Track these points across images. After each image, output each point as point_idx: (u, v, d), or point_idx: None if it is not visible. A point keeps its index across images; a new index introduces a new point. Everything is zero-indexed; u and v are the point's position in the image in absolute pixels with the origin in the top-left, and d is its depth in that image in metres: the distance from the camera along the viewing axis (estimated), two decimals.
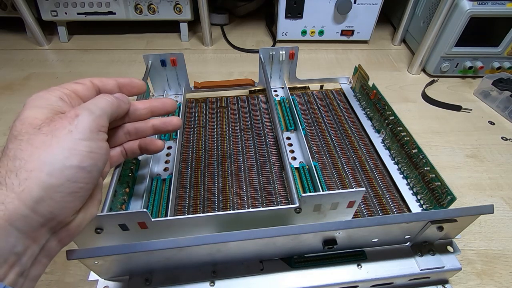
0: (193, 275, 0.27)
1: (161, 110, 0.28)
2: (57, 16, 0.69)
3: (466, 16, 0.54)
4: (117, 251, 0.22)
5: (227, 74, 0.65)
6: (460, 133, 0.52)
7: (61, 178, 0.18)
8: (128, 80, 0.27)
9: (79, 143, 0.19)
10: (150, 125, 0.28)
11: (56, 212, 0.18)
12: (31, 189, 0.17)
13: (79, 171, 0.18)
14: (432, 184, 0.32)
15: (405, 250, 0.29)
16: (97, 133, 0.20)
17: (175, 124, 0.29)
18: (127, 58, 0.69)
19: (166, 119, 0.29)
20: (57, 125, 0.19)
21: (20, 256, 0.17)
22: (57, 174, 0.17)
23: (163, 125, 0.28)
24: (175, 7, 0.70)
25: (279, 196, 0.35)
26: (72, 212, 0.19)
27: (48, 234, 0.18)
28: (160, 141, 0.29)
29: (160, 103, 0.28)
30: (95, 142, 0.20)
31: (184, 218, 0.26)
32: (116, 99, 0.23)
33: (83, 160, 0.19)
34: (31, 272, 0.18)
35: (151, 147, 0.29)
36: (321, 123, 0.44)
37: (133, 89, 0.27)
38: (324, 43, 0.75)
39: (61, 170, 0.18)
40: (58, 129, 0.18)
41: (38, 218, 0.17)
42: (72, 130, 0.19)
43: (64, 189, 0.18)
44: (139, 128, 0.27)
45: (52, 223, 0.18)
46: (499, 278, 0.34)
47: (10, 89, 0.60)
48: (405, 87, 0.62)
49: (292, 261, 0.28)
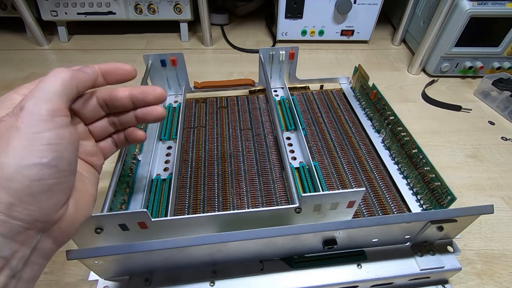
0: (193, 275, 0.27)
1: (142, 102, 0.25)
2: (57, 16, 0.69)
3: (466, 16, 0.54)
4: (117, 251, 0.22)
5: (227, 74, 0.65)
6: (460, 133, 0.52)
7: (24, 181, 0.16)
8: (112, 66, 0.23)
9: (32, 137, 0.17)
10: (133, 116, 0.25)
11: (35, 214, 0.17)
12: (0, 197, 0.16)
13: (42, 168, 0.17)
14: (432, 184, 0.32)
15: (405, 250, 0.29)
16: (52, 121, 0.18)
17: (156, 114, 0.25)
18: (127, 58, 0.69)
19: (147, 109, 0.25)
20: (6, 124, 0.17)
21: (9, 259, 0.16)
22: (17, 178, 0.16)
23: (144, 116, 0.25)
24: (175, 7, 0.70)
25: (279, 196, 0.35)
26: (55, 209, 0.18)
27: (37, 235, 0.17)
28: (141, 132, 0.27)
29: (140, 92, 0.24)
30: (52, 131, 0.17)
31: (184, 218, 0.26)
32: (70, 71, 0.20)
33: (42, 155, 0.17)
34: (24, 273, 0.17)
35: (131, 137, 0.26)
36: (321, 123, 0.44)
37: (120, 76, 0.24)
38: (324, 43, 0.75)
39: (19, 172, 0.16)
40: (7, 129, 0.17)
41: (18, 222, 0.16)
42: (19, 126, 0.17)
43: (32, 190, 0.16)
44: (122, 120, 0.25)
45: (37, 225, 0.17)
46: (499, 278, 0.34)
47: (10, 89, 0.58)
48: (405, 87, 0.62)
49: (292, 261, 0.28)
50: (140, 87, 0.25)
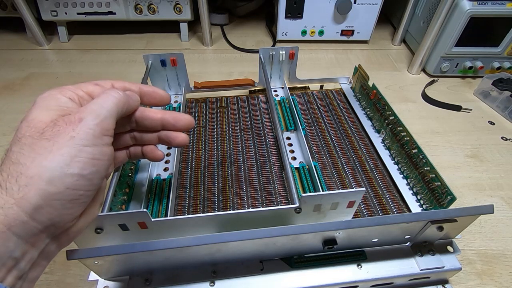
0: (193, 275, 0.27)
1: (172, 127, 0.26)
2: (57, 16, 0.69)
3: (466, 16, 0.54)
4: (117, 251, 0.22)
5: (227, 74, 0.65)
6: (460, 133, 0.52)
7: (61, 186, 0.17)
8: (151, 90, 0.25)
9: (81, 149, 0.18)
10: (156, 135, 0.27)
11: (55, 219, 0.17)
12: (30, 197, 0.16)
13: (79, 179, 0.18)
14: (432, 184, 0.32)
15: (405, 250, 0.29)
16: (101, 138, 0.19)
17: (180, 140, 0.26)
18: (127, 58, 0.69)
19: (173, 133, 0.26)
20: (60, 130, 0.18)
21: (18, 260, 0.17)
22: (56, 182, 0.17)
23: (167, 139, 0.27)
24: (175, 7, 0.70)
25: (279, 196, 0.35)
26: (72, 218, 0.19)
27: (47, 239, 0.18)
28: (160, 152, 0.28)
29: (172, 117, 0.26)
30: (98, 148, 0.19)
31: (184, 218, 0.26)
32: (124, 95, 0.22)
33: (84, 167, 0.18)
34: (29, 274, 0.18)
35: (150, 155, 0.28)
36: (321, 123, 0.44)
37: (154, 100, 0.25)
38: (324, 43, 0.75)
39: (61, 178, 0.17)
40: (61, 135, 0.18)
41: (37, 225, 0.17)
42: (74, 136, 0.18)
43: (63, 197, 0.17)
44: (145, 137, 0.26)
45: (51, 229, 0.18)
46: (499, 278, 0.34)
47: (10, 89, 0.60)
48: (405, 87, 0.62)
49: (292, 261, 0.28)
50: (173, 113, 0.26)
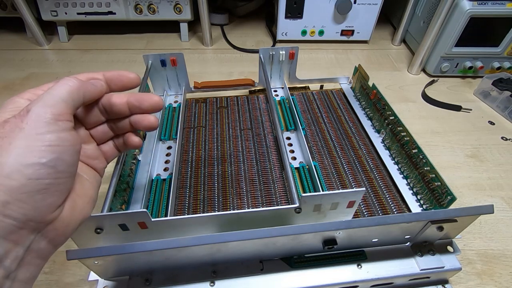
0: (193, 275, 0.27)
1: (137, 109, 0.25)
2: (57, 16, 0.69)
3: (466, 16, 0.54)
4: (117, 251, 0.22)
5: (227, 74, 0.65)
6: (460, 133, 0.52)
7: (21, 179, 0.17)
8: (116, 73, 0.24)
9: (34, 138, 0.17)
10: (127, 122, 0.25)
11: (28, 213, 0.17)
12: None
13: (40, 168, 0.17)
14: (432, 184, 0.32)
15: (405, 250, 0.29)
16: (56, 124, 0.18)
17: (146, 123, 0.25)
18: (127, 58, 0.69)
19: (140, 116, 0.25)
20: (11, 125, 0.18)
21: (1, 259, 0.16)
22: (15, 175, 0.16)
23: (135, 124, 0.25)
24: (175, 7, 0.70)
25: (279, 196, 0.35)
26: (49, 210, 0.18)
27: (31, 235, 0.18)
28: (136, 138, 0.27)
29: (136, 99, 0.25)
30: (54, 134, 0.18)
31: (184, 218, 0.26)
32: (78, 81, 0.21)
33: (41, 155, 0.17)
34: (19, 274, 0.17)
35: (128, 143, 0.26)
36: (321, 123, 0.44)
37: (121, 83, 0.24)
38: (324, 43, 0.75)
39: (19, 170, 0.17)
40: (11, 129, 0.18)
41: (10, 221, 0.16)
42: (23, 127, 0.18)
43: (28, 189, 0.17)
44: (119, 125, 0.26)
45: (30, 224, 0.17)
46: (499, 278, 0.34)
47: (10, 89, 0.60)
48: (405, 87, 0.62)
49: (292, 261, 0.28)
50: (137, 94, 0.25)
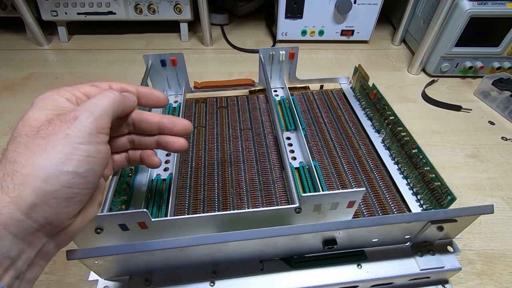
0: (193, 275, 0.27)
1: (169, 131, 0.26)
2: (57, 16, 0.69)
3: (466, 16, 0.54)
4: (117, 251, 0.22)
5: (227, 74, 0.65)
6: (460, 133, 0.52)
7: (56, 184, 0.17)
8: (148, 91, 0.25)
9: (76, 147, 0.18)
10: (154, 140, 0.26)
11: (51, 218, 0.17)
12: (26, 195, 0.16)
13: (75, 177, 0.18)
14: (432, 184, 0.32)
15: (405, 250, 0.29)
16: (96, 136, 0.19)
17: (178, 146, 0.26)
18: (127, 58, 0.69)
19: (171, 138, 0.26)
20: (55, 128, 0.18)
21: (15, 259, 0.17)
22: (52, 180, 0.17)
23: (165, 144, 0.26)
24: (175, 7, 0.70)
25: (279, 196, 0.35)
26: (69, 217, 0.19)
27: (44, 238, 0.18)
28: (158, 158, 0.27)
29: (169, 121, 0.25)
30: (94, 145, 0.19)
31: (184, 218, 0.26)
32: (119, 95, 0.22)
33: (79, 165, 0.18)
34: (27, 274, 0.18)
35: (147, 161, 0.27)
36: (321, 123, 0.44)
37: (151, 101, 0.25)
38: (324, 43, 0.75)
39: (56, 176, 0.17)
40: (56, 133, 0.18)
41: (32, 223, 0.17)
42: (69, 133, 0.18)
43: (59, 195, 0.17)
44: (142, 141, 0.26)
45: (47, 228, 0.18)
46: (499, 278, 0.34)
47: (10, 89, 0.60)
48: (405, 87, 0.62)
49: (292, 261, 0.28)
50: (170, 117, 0.26)
